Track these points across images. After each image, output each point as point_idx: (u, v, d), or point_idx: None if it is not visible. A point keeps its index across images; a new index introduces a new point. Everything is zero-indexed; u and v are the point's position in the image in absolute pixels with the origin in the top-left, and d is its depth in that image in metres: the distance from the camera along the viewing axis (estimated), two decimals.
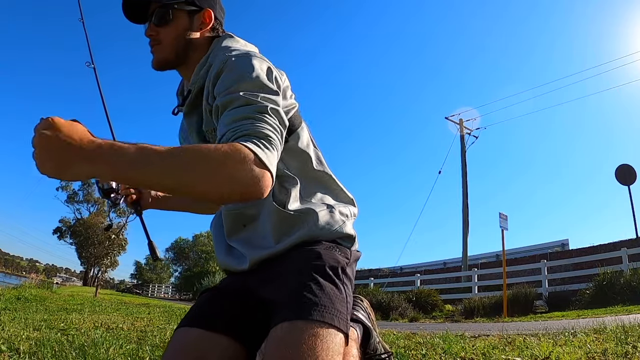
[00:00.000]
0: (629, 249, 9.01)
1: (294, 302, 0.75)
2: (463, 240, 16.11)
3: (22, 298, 9.37)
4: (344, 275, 0.85)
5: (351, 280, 0.88)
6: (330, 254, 0.87)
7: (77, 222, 42.39)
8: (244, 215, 0.96)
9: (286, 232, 0.91)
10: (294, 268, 0.84)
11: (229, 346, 0.83)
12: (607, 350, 2.48)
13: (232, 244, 0.99)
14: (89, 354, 2.50)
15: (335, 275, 0.82)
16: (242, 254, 0.96)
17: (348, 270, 0.88)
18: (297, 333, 0.70)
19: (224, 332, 0.84)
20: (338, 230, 0.93)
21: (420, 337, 3.99)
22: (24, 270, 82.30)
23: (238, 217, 0.97)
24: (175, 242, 47.79)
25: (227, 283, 1.00)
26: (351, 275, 0.90)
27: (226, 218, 0.99)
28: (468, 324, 7.58)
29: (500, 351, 2.74)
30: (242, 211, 0.96)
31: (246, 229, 0.97)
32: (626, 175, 11.66)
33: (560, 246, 18.37)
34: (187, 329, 0.85)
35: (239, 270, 0.97)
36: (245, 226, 0.97)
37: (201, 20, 0.98)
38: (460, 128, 17.75)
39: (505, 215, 9.31)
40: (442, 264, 22.03)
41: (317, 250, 0.87)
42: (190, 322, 0.86)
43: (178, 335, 0.85)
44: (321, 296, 0.76)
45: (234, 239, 0.99)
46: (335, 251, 0.89)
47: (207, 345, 0.81)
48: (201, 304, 0.94)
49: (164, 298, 34.87)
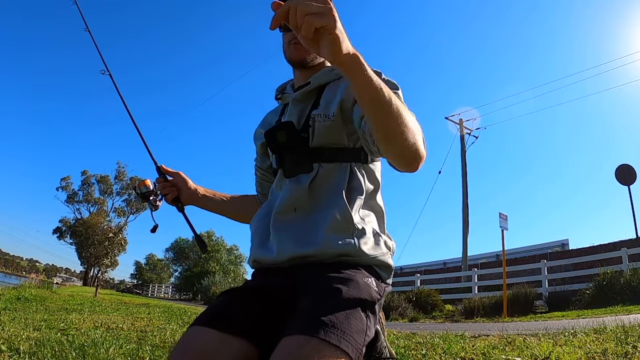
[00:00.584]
0: (629, 249, 9.01)
1: (316, 319, 0.76)
2: (463, 240, 16.11)
3: (22, 298, 9.38)
4: (371, 312, 0.86)
5: (376, 316, 0.89)
6: (367, 287, 0.88)
7: (77, 222, 42.35)
8: (305, 201, 0.99)
9: (336, 234, 0.93)
10: (328, 286, 0.85)
11: (242, 348, 0.82)
12: (607, 350, 2.48)
13: (274, 231, 0.99)
14: (89, 354, 2.51)
15: (363, 309, 0.83)
16: (279, 245, 0.97)
17: (377, 306, 0.89)
18: (309, 351, 0.70)
19: (237, 334, 0.83)
20: (380, 258, 0.96)
21: (420, 337, 3.99)
22: (24, 270, 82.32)
23: (299, 199, 0.99)
24: (175, 242, 47.72)
25: (250, 284, 0.99)
26: (378, 310, 0.91)
27: (286, 195, 1.01)
28: (468, 324, 7.59)
29: (500, 351, 2.74)
30: (304, 196, 0.99)
31: (295, 214, 0.98)
32: (626, 175, 11.67)
33: (560, 246, 18.37)
34: (200, 328, 0.84)
35: (270, 261, 0.98)
36: (295, 210, 0.99)
37: None
38: (460, 128, 17.75)
39: (505, 215, 9.31)
40: (442, 264, 22.04)
41: (356, 279, 0.88)
42: (205, 321, 0.86)
43: (190, 333, 0.85)
44: (344, 323, 0.76)
45: (280, 222, 0.99)
46: (372, 285, 0.91)
47: (218, 346, 0.81)
48: (218, 304, 0.93)
49: (164, 298, 34.89)
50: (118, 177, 43.62)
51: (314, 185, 0.99)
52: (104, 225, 41.67)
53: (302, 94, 1.10)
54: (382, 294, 0.94)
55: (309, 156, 1.02)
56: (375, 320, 0.87)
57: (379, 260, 0.96)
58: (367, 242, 0.95)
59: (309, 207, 0.98)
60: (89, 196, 43.04)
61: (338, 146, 1.03)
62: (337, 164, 1.01)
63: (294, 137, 1.03)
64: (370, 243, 0.96)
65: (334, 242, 0.92)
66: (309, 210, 0.98)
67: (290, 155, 1.04)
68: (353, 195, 0.98)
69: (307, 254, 0.93)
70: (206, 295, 24.75)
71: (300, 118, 1.07)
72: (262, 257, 1.01)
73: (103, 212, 42.90)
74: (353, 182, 1.00)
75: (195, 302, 25.85)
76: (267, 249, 1.00)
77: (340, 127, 1.02)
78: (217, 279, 28.88)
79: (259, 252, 1.02)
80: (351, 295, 0.83)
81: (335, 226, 0.93)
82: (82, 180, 43.50)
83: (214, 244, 43.21)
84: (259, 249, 1.02)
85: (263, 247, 1.01)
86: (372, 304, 0.87)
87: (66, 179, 43.43)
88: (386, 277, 1.00)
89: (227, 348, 0.80)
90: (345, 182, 0.99)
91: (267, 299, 0.92)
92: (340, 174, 1.00)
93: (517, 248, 19.79)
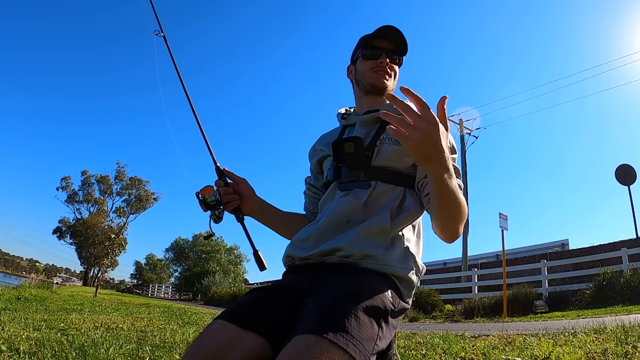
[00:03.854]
0: (629, 249, 8.99)
1: (328, 321, 0.77)
2: (463, 240, 16.10)
3: (22, 298, 9.37)
4: (384, 321, 0.86)
5: (390, 329, 0.89)
6: (382, 297, 0.89)
7: (77, 222, 42.36)
8: (358, 214, 1.04)
9: (368, 237, 0.99)
10: (344, 290, 0.86)
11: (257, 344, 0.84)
12: (607, 350, 2.48)
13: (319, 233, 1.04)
14: (89, 354, 2.51)
15: (376, 317, 0.84)
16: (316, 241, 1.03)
17: (391, 318, 0.90)
18: (317, 351, 0.71)
19: (253, 330, 0.85)
20: (403, 271, 0.99)
21: (420, 337, 4.00)
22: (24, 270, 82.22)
23: (353, 211, 1.04)
24: (175, 242, 47.78)
25: (275, 284, 1.02)
26: (393, 324, 0.92)
27: (340, 207, 1.06)
28: (468, 324, 7.58)
29: (500, 351, 2.75)
30: (359, 209, 1.04)
31: (347, 225, 1.04)
32: (626, 175, 11.65)
33: (560, 246, 18.39)
34: (222, 322, 0.87)
35: (302, 256, 1.03)
36: (348, 222, 1.04)
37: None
38: (460, 128, 17.77)
39: (505, 215, 9.30)
40: (442, 264, 22.03)
41: (372, 286, 0.90)
42: (227, 316, 0.89)
43: (211, 326, 0.88)
44: (355, 328, 0.77)
45: (329, 228, 1.04)
46: (387, 295, 0.91)
47: (233, 341, 0.83)
48: (243, 301, 0.95)
49: (164, 298, 34.89)
50: (118, 177, 43.62)
51: (368, 202, 1.05)
52: (104, 225, 41.66)
53: (370, 118, 1.17)
54: (396, 307, 0.94)
55: (369, 173, 1.08)
56: (388, 331, 0.88)
57: (402, 273, 0.98)
58: (395, 252, 0.99)
59: (360, 221, 1.03)
60: (89, 196, 43.05)
61: (397, 170, 1.09)
62: (393, 185, 1.07)
63: (359, 151, 1.08)
64: (397, 255, 1.00)
65: (364, 242, 0.98)
66: (359, 223, 1.03)
67: (350, 169, 1.10)
68: (400, 214, 1.04)
69: (337, 247, 0.98)
70: (206, 295, 24.74)
71: (367, 137, 1.13)
72: (296, 253, 1.06)
73: (103, 212, 42.89)
74: (404, 204, 1.06)
75: (195, 302, 25.83)
76: (304, 247, 1.06)
77: (405, 154, 1.08)
78: (217, 279, 28.88)
79: (294, 249, 1.07)
80: (365, 301, 0.84)
81: (369, 230, 0.99)
82: (82, 180, 43.57)
83: (214, 244, 43.21)
84: (296, 247, 1.08)
85: (300, 246, 1.07)
86: (386, 314, 0.87)
87: (66, 179, 43.47)
88: (406, 293, 1.01)
89: (242, 342, 0.83)
90: (397, 203, 1.05)
91: (289, 298, 0.94)
92: (394, 195, 1.06)
93: (517, 248, 19.81)
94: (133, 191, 43.73)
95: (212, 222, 1.17)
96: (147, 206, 43.98)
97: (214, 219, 1.17)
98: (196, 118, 1.29)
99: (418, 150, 0.80)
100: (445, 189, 0.87)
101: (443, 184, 0.86)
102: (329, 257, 1.00)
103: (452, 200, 0.89)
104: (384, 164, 1.08)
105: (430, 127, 0.79)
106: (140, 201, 43.42)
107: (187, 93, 1.33)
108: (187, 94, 1.33)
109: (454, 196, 0.89)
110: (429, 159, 0.82)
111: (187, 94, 1.33)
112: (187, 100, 1.32)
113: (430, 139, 0.79)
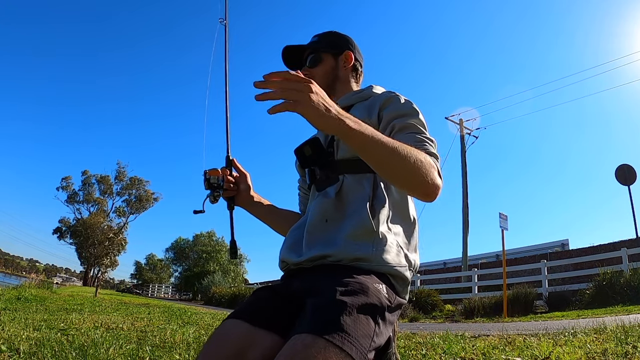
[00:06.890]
0: (629, 249, 8.99)
1: (323, 319, 0.78)
2: (463, 240, 16.10)
3: (22, 298, 9.37)
4: (381, 318, 0.87)
5: (387, 325, 0.89)
6: (377, 293, 0.90)
7: (77, 222, 42.38)
8: (333, 211, 1.04)
9: (355, 241, 0.98)
10: (338, 288, 0.87)
11: (273, 343, 0.86)
12: (607, 350, 2.49)
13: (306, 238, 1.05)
14: (89, 354, 2.51)
15: (372, 314, 0.84)
16: (306, 248, 1.03)
17: (387, 314, 0.90)
18: (314, 350, 0.72)
19: (268, 328, 0.89)
20: (396, 268, 0.99)
21: (420, 337, 4.00)
22: (24, 270, 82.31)
23: (327, 210, 1.05)
24: (175, 242, 47.74)
25: (276, 286, 1.04)
26: (390, 320, 0.92)
27: (316, 208, 1.07)
28: (468, 324, 7.59)
29: (500, 351, 2.75)
30: (332, 207, 1.04)
31: (327, 224, 1.04)
32: (626, 175, 11.65)
33: (560, 246, 18.39)
34: (235, 321, 0.90)
35: (295, 262, 1.04)
36: (327, 221, 1.04)
37: (344, 60, 1.26)
38: (460, 128, 17.74)
39: (505, 215, 9.30)
40: (442, 264, 22.04)
41: (366, 283, 0.90)
42: (240, 314, 0.92)
43: (225, 324, 0.91)
44: (350, 325, 0.78)
45: (312, 232, 1.05)
46: (382, 291, 0.92)
47: (251, 339, 0.87)
48: (253, 300, 0.98)
49: (164, 298, 34.88)
50: (118, 177, 43.68)
51: (340, 196, 1.06)
52: (104, 225, 41.69)
53: None
54: (393, 303, 0.94)
55: (335, 169, 1.10)
56: (385, 328, 0.88)
57: (395, 270, 0.98)
58: (385, 251, 0.98)
59: (338, 217, 1.04)
60: (89, 196, 43.07)
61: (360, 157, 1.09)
62: (361, 175, 1.06)
63: (319, 151, 1.11)
64: (388, 252, 0.99)
65: (352, 246, 0.97)
66: (338, 219, 1.04)
67: (320, 170, 1.13)
68: (378, 204, 1.03)
69: (327, 254, 0.99)
70: (206, 295, 24.73)
71: (327, 135, 1.15)
72: (289, 258, 1.07)
73: (103, 212, 42.93)
74: (377, 191, 1.04)
75: (195, 302, 25.84)
76: (295, 252, 1.07)
77: None
78: (217, 279, 28.88)
79: (286, 253, 1.08)
80: (360, 299, 0.84)
81: (355, 233, 0.98)
82: (83, 180, 43.61)
83: (214, 244, 43.22)
84: (288, 252, 1.09)
85: (292, 251, 1.08)
86: (382, 310, 0.88)
87: (67, 179, 43.51)
88: (400, 289, 1.01)
89: (260, 341, 0.86)
90: (370, 192, 1.04)
91: (292, 298, 0.96)
92: (365, 184, 1.05)
93: (517, 248, 19.81)
94: (133, 191, 43.81)
95: (208, 201, 1.27)
96: (147, 206, 44.04)
97: (211, 199, 1.26)
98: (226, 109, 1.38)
99: (301, 111, 0.79)
100: (361, 143, 0.83)
101: (353, 139, 0.82)
102: (320, 262, 1.01)
103: (377, 152, 0.84)
104: (346, 156, 1.09)
105: (293, 84, 0.79)
106: (140, 201, 43.47)
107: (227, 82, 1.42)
108: (227, 84, 1.42)
109: (378, 147, 0.84)
110: (322, 117, 0.79)
111: (226, 83, 1.42)
112: (225, 90, 1.42)
113: (302, 95, 0.78)
